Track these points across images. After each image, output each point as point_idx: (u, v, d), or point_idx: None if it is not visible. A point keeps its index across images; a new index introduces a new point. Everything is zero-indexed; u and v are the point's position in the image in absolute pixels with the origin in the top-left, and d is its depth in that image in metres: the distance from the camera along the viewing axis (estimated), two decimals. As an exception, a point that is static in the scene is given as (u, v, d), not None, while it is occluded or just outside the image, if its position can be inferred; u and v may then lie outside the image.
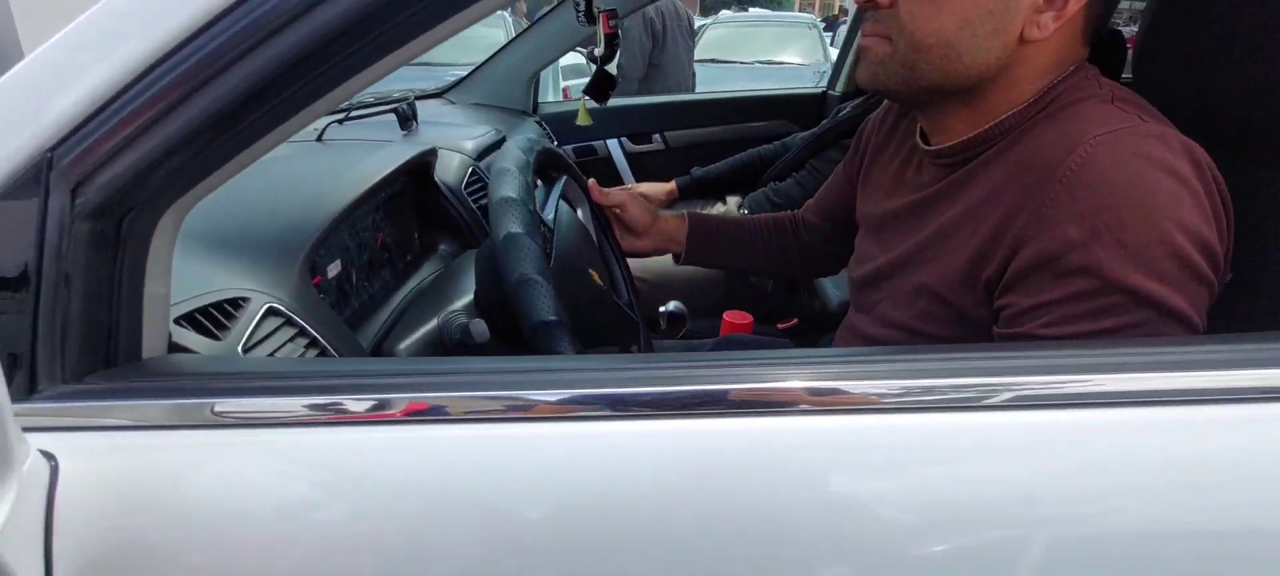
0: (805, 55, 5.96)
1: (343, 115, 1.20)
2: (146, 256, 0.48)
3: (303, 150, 1.01)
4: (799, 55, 5.99)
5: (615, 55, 1.10)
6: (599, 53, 1.09)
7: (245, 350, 0.57)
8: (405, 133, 1.20)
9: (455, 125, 1.41)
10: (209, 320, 0.57)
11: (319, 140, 1.09)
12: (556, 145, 1.88)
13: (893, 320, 0.66)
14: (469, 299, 0.79)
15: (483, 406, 0.43)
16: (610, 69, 1.18)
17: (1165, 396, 0.41)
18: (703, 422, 0.42)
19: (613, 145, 1.96)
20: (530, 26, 1.79)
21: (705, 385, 0.42)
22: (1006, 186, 0.56)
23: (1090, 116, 0.54)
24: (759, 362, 0.45)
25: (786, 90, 2.14)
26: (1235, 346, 0.44)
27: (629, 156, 1.98)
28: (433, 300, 0.82)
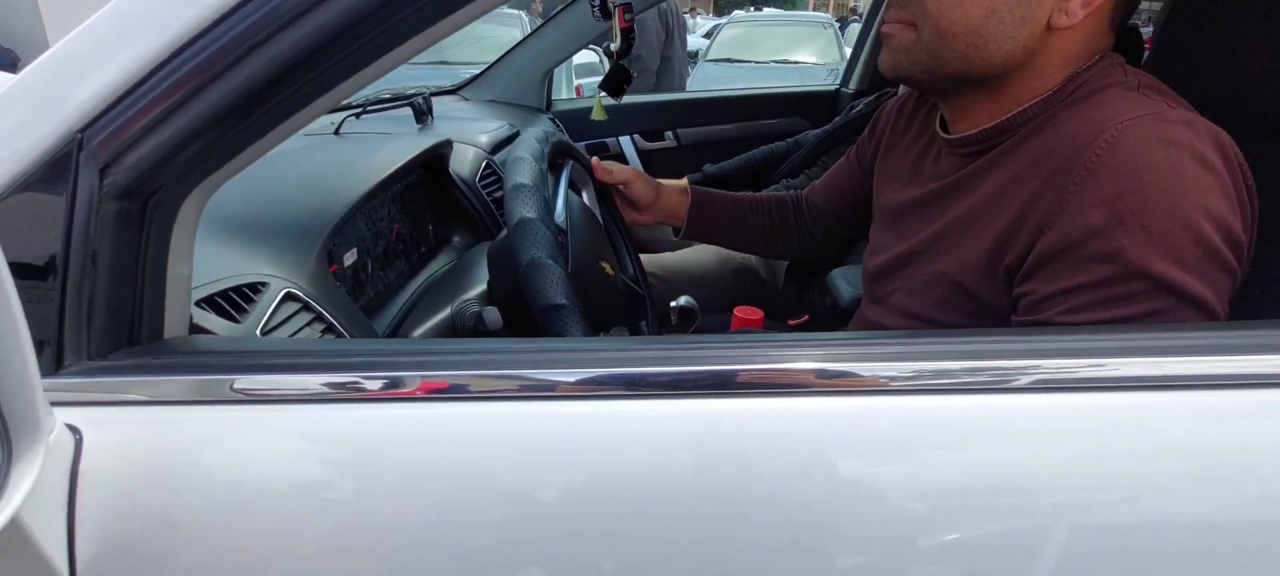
0: (820, 55, 5.92)
1: (360, 110, 1.21)
2: (170, 238, 0.49)
3: (321, 143, 1.02)
4: (814, 55, 5.95)
5: (631, 50, 1.10)
6: (615, 47, 1.10)
7: (263, 333, 0.58)
8: (420, 127, 1.21)
9: (470, 120, 1.42)
10: (229, 303, 0.59)
11: (336, 133, 1.11)
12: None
13: (908, 310, 0.65)
14: (482, 289, 0.80)
15: (502, 385, 0.43)
16: (626, 64, 1.19)
17: (1184, 381, 0.41)
18: (717, 403, 0.42)
19: (625, 142, 1.97)
20: (543, 24, 1.80)
21: (720, 366, 0.42)
22: (1029, 173, 0.55)
23: (1116, 102, 0.54)
24: (774, 344, 0.45)
25: (799, 88, 2.14)
26: (1258, 332, 0.43)
27: (641, 154, 1.98)
28: (446, 290, 0.83)
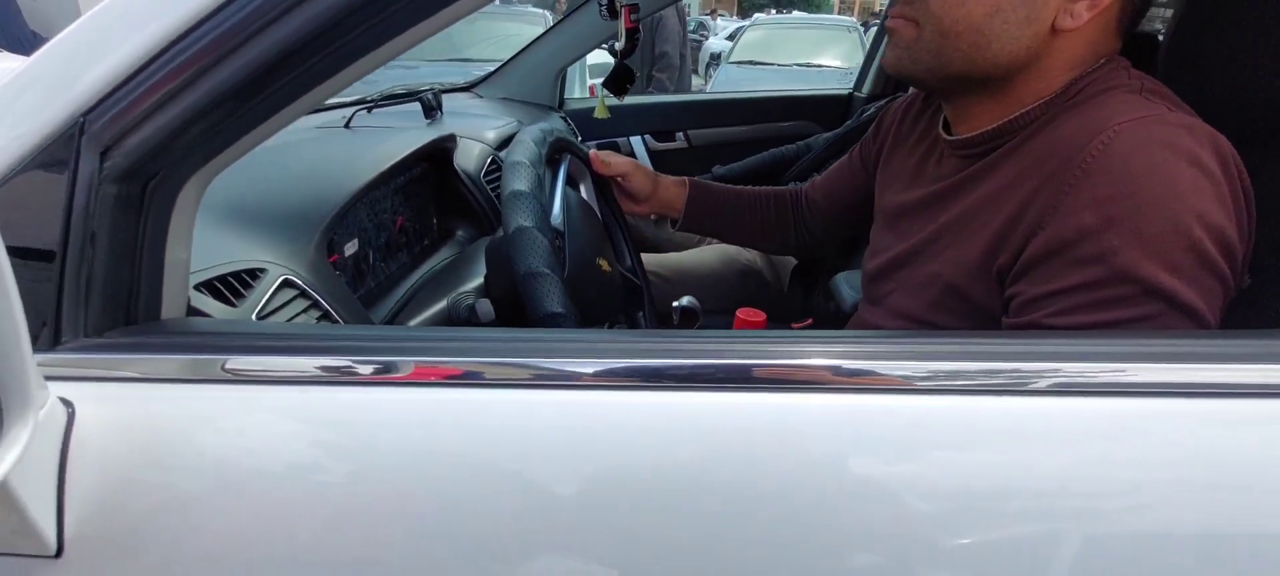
0: (844, 58, 5.87)
1: (371, 104, 1.23)
2: (169, 222, 0.51)
3: (328, 135, 1.04)
4: (838, 58, 5.91)
5: (635, 50, 1.11)
6: (620, 47, 1.10)
7: (259, 318, 0.60)
8: (429, 121, 1.23)
9: (479, 116, 1.44)
10: (227, 288, 0.60)
11: (346, 127, 1.12)
12: (580, 141, 1.91)
13: (903, 310, 0.65)
14: (479, 282, 0.81)
15: (515, 374, 0.43)
16: (630, 63, 1.19)
17: (1206, 389, 0.40)
18: (734, 397, 0.42)
19: (636, 142, 1.97)
20: (557, 23, 1.81)
21: (737, 360, 0.42)
22: (1027, 174, 0.55)
23: (1116, 105, 0.53)
24: (791, 340, 0.44)
25: (811, 91, 2.13)
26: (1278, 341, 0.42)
27: (652, 154, 1.98)
28: (445, 282, 0.84)
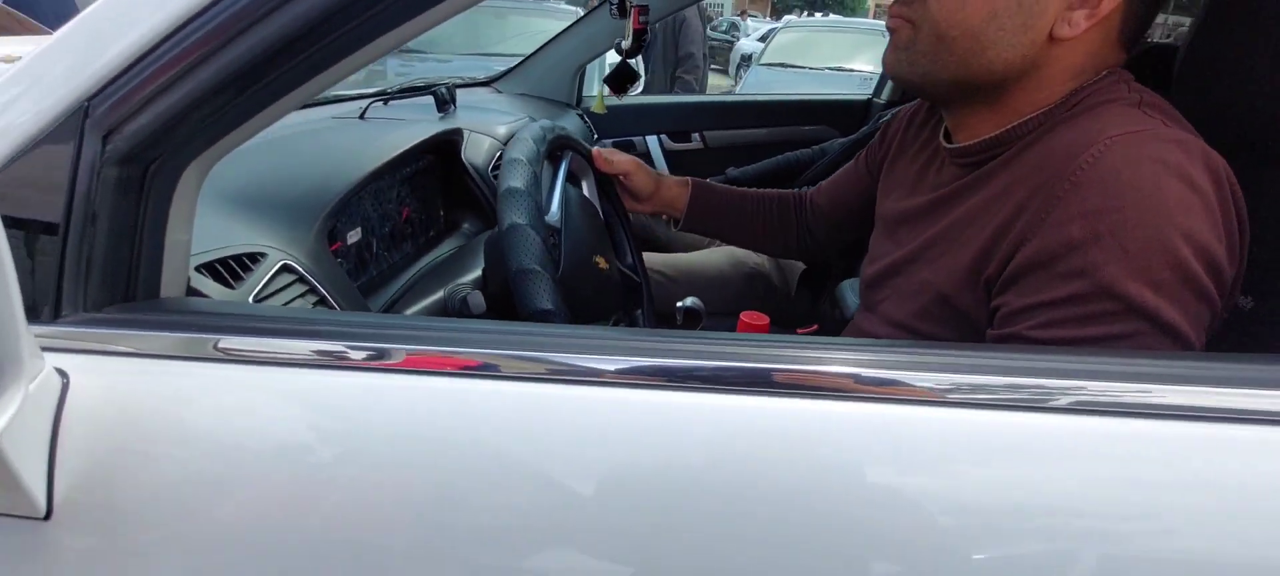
0: (877, 63, 5.71)
1: (387, 96, 1.26)
2: (170, 205, 0.52)
3: (339, 125, 1.06)
4: (871, 63, 5.80)
5: (641, 51, 1.12)
6: (626, 45, 1.11)
7: (255, 300, 0.62)
8: (442, 115, 1.25)
9: (493, 111, 1.46)
10: (227, 271, 0.62)
11: (361, 117, 1.15)
12: (596, 139, 1.92)
13: (893, 318, 0.65)
14: (477, 275, 0.82)
15: (532, 368, 0.43)
16: (654, 65, 1.20)
17: (1235, 415, 0.39)
18: (753, 401, 0.42)
19: (651, 142, 1.98)
20: (577, 21, 1.82)
21: (757, 363, 0.42)
22: (1019, 184, 0.54)
23: (1111, 118, 0.53)
24: (813, 346, 0.44)
25: (829, 95, 2.12)
26: None
27: (667, 154, 1.99)
28: (445, 273, 0.86)
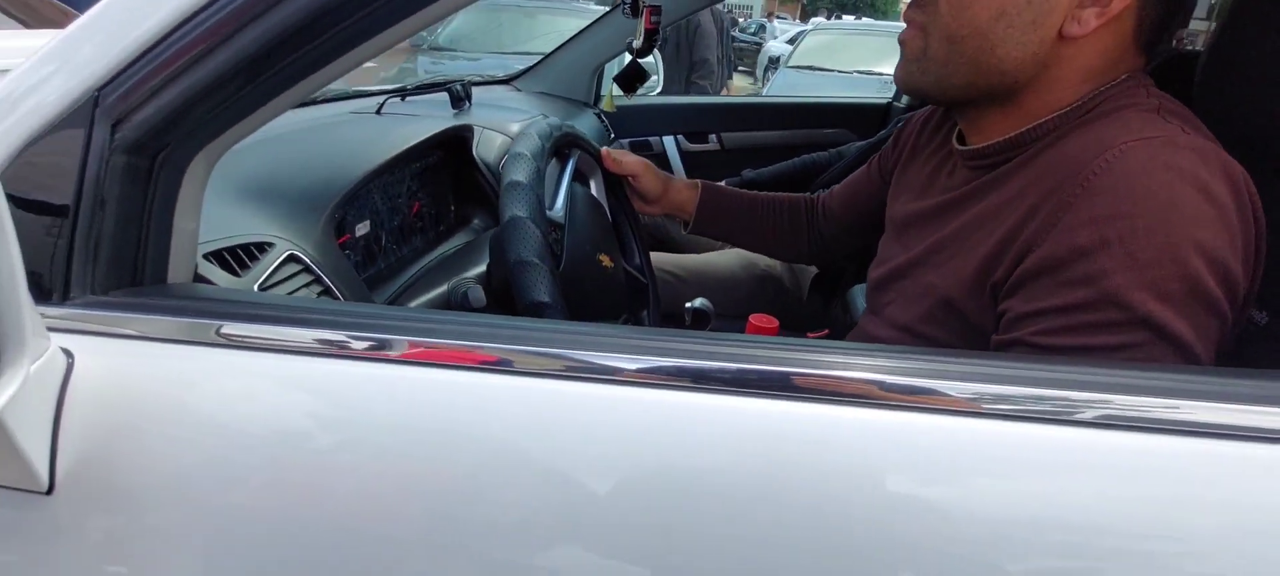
0: (908, 66, 5.75)
1: (406, 92, 1.27)
2: (177, 193, 0.54)
3: (353, 119, 1.08)
4: (902, 66, 5.79)
5: (652, 49, 1.12)
6: (637, 45, 1.12)
7: (260, 289, 0.63)
8: (456, 111, 1.26)
9: (508, 109, 1.47)
10: (234, 259, 0.63)
11: (378, 113, 1.17)
12: (613, 138, 1.92)
13: (898, 321, 0.64)
14: (482, 269, 0.83)
15: (549, 364, 0.43)
16: (644, 63, 1.21)
17: (1269, 435, 0.37)
18: (774, 404, 0.41)
19: (668, 143, 1.98)
20: (596, 21, 1.83)
21: (779, 367, 0.41)
22: (1030, 189, 0.54)
23: (1127, 123, 0.52)
24: (835, 350, 0.43)
25: (848, 98, 2.10)
26: None
27: (684, 155, 1.99)
28: (451, 267, 0.87)
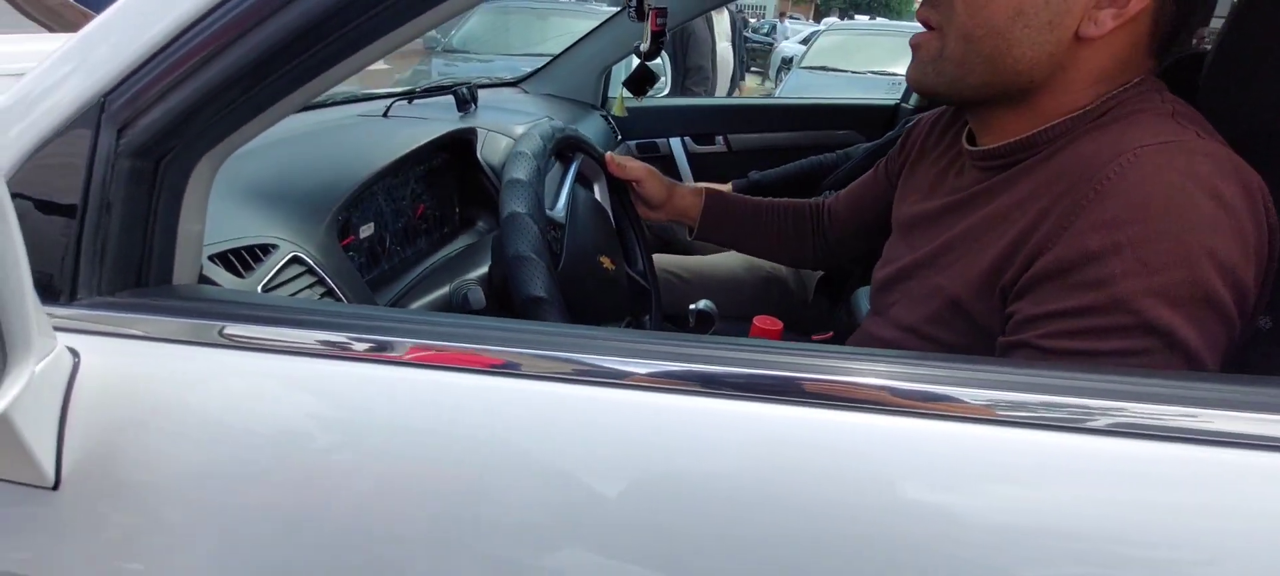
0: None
1: (411, 96, 1.29)
2: (182, 197, 0.55)
3: (358, 122, 1.10)
4: (916, 67, 5.75)
5: (659, 52, 1.12)
6: (644, 48, 1.12)
7: (264, 290, 0.64)
8: (462, 114, 1.27)
9: (515, 111, 1.48)
10: (239, 261, 0.65)
11: (385, 116, 1.18)
12: (620, 140, 1.93)
13: (903, 322, 0.64)
14: (484, 271, 0.84)
15: (558, 368, 0.43)
16: (653, 65, 1.21)
17: None
18: (785, 410, 0.41)
19: (675, 144, 1.98)
20: (603, 23, 1.83)
21: (790, 372, 0.41)
22: (1042, 192, 0.53)
23: (1142, 127, 0.51)
24: (846, 356, 0.43)
25: (856, 99, 2.09)
26: None
27: (691, 156, 1.99)
28: (455, 269, 0.88)
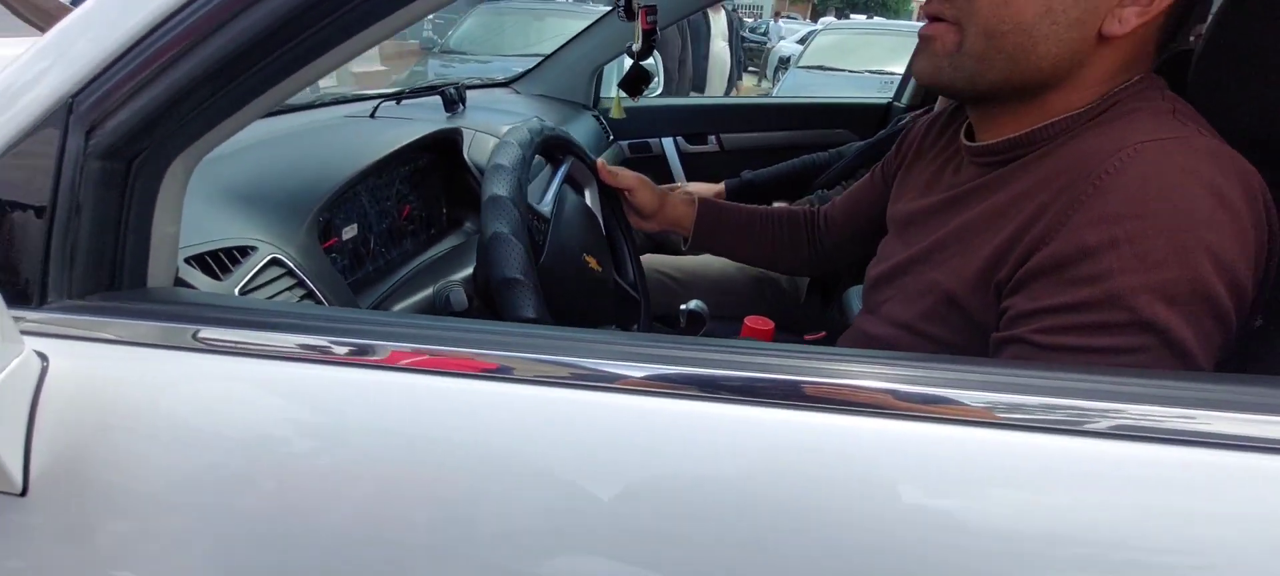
0: (916, 66, 5.71)
1: (399, 97, 1.28)
2: (155, 198, 0.54)
3: (342, 123, 1.09)
4: (912, 67, 5.74)
5: (651, 51, 1.12)
6: (636, 48, 1.12)
7: (241, 293, 0.63)
8: (450, 115, 1.26)
9: (501, 111, 1.47)
10: (216, 263, 0.64)
11: (372, 117, 1.17)
12: (612, 140, 1.92)
13: (897, 318, 0.63)
14: (469, 272, 0.83)
15: (552, 371, 0.43)
16: (646, 64, 1.20)
17: None
18: (784, 414, 0.40)
19: (667, 144, 1.98)
20: (594, 22, 1.83)
21: (790, 376, 0.41)
22: (1040, 187, 0.53)
23: (1142, 123, 0.51)
24: (845, 359, 0.43)
25: (849, 99, 2.09)
26: None
27: (683, 156, 1.98)
28: (441, 270, 0.87)
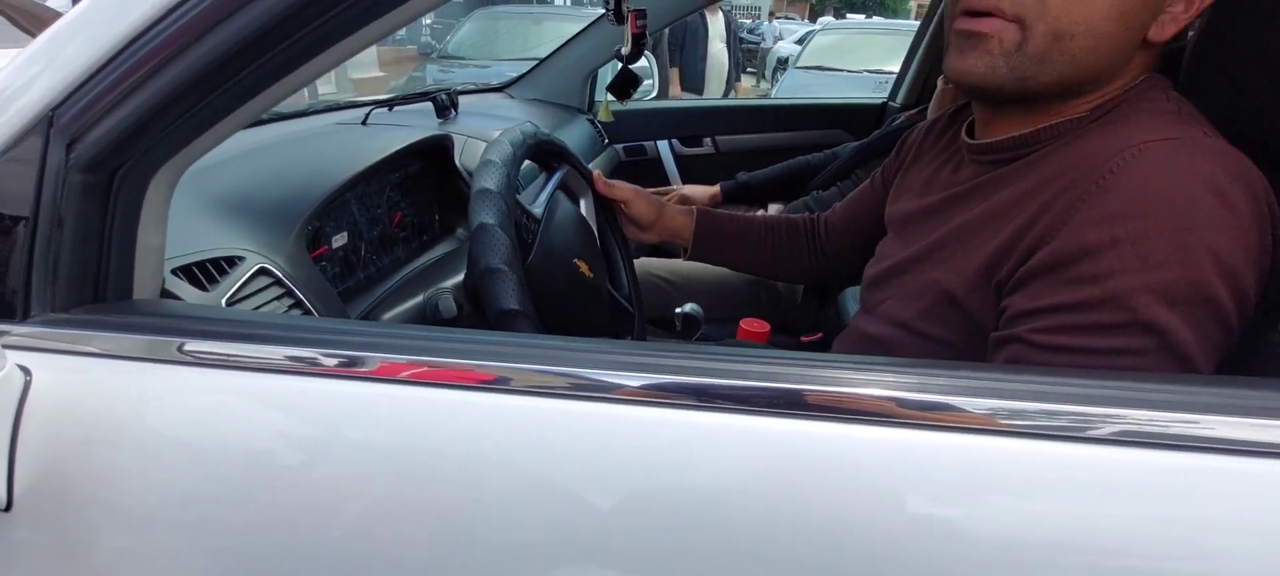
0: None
1: (391, 103, 1.28)
2: (140, 209, 0.54)
3: (333, 131, 1.08)
4: (912, 66, 5.73)
5: (641, 55, 1.12)
6: (625, 51, 1.11)
7: (228, 303, 0.63)
8: (442, 121, 1.26)
9: (496, 117, 1.47)
10: (203, 274, 0.63)
11: (364, 123, 1.17)
12: (607, 144, 1.92)
13: (895, 317, 0.63)
14: (459, 279, 0.83)
15: (551, 382, 0.43)
16: (636, 68, 1.20)
17: None
18: (785, 423, 0.40)
19: (662, 146, 1.98)
20: (588, 26, 1.83)
21: (791, 384, 0.41)
22: (1042, 187, 0.52)
23: (1146, 123, 0.51)
24: (845, 366, 0.42)
25: (843, 99, 2.09)
26: None
27: (678, 158, 1.98)
28: (432, 277, 0.87)
